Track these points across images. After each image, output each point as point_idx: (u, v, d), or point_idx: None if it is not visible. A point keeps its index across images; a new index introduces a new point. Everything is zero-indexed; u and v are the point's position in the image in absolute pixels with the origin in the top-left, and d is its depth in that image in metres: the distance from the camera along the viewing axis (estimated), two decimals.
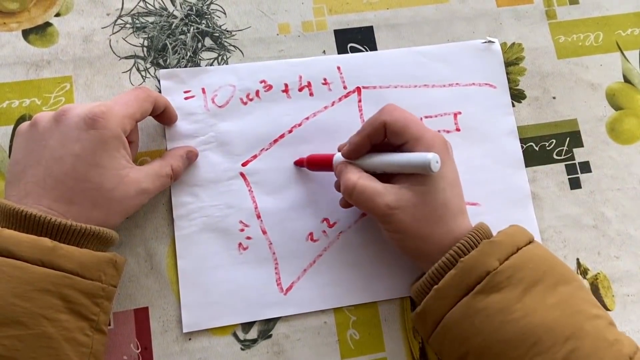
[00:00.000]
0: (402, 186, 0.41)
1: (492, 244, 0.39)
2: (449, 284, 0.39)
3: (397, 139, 0.41)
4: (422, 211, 0.40)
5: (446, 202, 0.41)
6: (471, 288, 0.38)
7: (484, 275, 0.38)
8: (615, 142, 0.53)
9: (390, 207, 0.40)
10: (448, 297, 0.39)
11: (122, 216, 0.41)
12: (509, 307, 0.37)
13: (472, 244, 0.40)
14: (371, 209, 0.41)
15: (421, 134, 0.41)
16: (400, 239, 0.41)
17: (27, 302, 0.35)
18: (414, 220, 0.40)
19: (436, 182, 0.40)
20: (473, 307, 0.38)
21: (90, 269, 0.37)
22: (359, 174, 0.42)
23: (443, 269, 0.40)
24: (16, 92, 0.47)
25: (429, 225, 0.40)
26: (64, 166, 0.38)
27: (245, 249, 0.47)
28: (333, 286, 0.46)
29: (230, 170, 0.48)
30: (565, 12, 0.55)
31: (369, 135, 0.42)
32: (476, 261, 0.38)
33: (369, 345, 0.46)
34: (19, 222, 0.37)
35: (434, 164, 0.38)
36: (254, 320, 0.45)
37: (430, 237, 0.40)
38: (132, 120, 0.41)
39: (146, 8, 0.51)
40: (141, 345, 0.44)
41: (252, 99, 0.49)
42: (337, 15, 0.53)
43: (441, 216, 0.40)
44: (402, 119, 0.41)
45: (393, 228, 0.41)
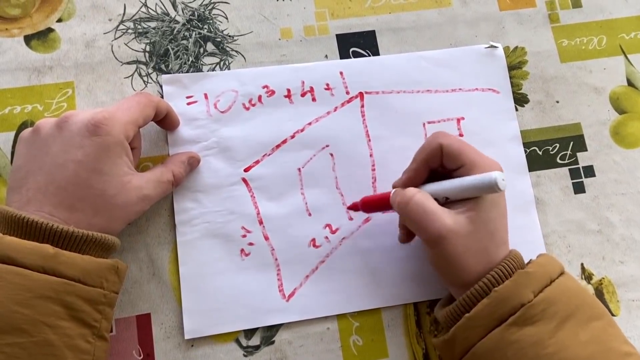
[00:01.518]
0: (458, 212, 0.39)
1: (527, 275, 0.38)
2: (481, 313, 0.38)
3: (453, 163, 0.41)
4: (473, 240, 0.39)
5: (493, 232, 0.40)
6: (504, 319, 0.37)
7: (518, 307, 0.37)
8: (619, 146, 0.52)
9: (446, 230, 0.38)
10: (479, 327, 0.38)
11: (124, 222, 0.41)
12: (542, 341, 0.37)
13: (506, 273, 0.39)
14: (424, 228, 0.39)
15: (478, 157, 0.40)
16: (443, 265, 0.40)
17: (29, 309, 0.34)
18: (464, 250, 0.39)
19: (488, 210, 0.40)
20: (506, 339, 0.37)
21: (92, 276, 0.37)
22: (417, 190, 0.41)
23: (475, 297, 0.39)
24: (18, 98, 0.47)
25: (474, 254, 0.39)
26: (66, 172, 0.38)
27: (247, 255, 0.46)
28: (335, 292, 0.46)
29: (232, 176, 0.48)
30: (568, 16, 0.55)
31: (426, 160, 0.41)
32: (511, 292, 0.38)
33: (372, 351, 0.46)
34: (20, 228, 0.36)
35: (501, 181, 0.37)
36: (256, 326, 0.45)
37: (471, 268, 0.39)
38: (134, 126, 0.41)
39: (148, 13, 0.51)
40: (143, 352, 0.44)
41: (255, 104, 0.49)
42: (339, 19, 0.52)
43: (486, 246, 0.39)
44: (457, 142, 0.41)
45: (440, 253, 0.39)
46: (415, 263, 0.47)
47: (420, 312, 0.47)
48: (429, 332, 0.46)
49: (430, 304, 0.47)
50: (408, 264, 0.47)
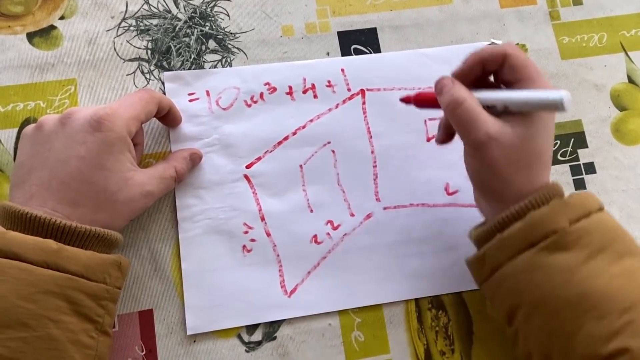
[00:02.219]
0: (505, 122, 0.39)
1: (564, 204, 0.38)
2: (514, 235, 0.38)
3: (512, 75, 0.40)
4: (517, 154, 0.39)
5: (540, 152, 0.39)
6: (536, 243, 0.38)
7: (551, 233, 0.37)
8: (620, 143, 0.53)
9: (489, 136, 0.38)
10: (511, 248, 0.38)
11: (127, 218, 0.41)
12: (572, 268, 0.37)
13: (544, 199, 0.39)
14: (469, 132, 0.39)
15: (537, 75, 0.40)
16: (483, 173, 0.40)
17: (32, 304, 0.35)
18: (505, 159, 0.38)
19: (539, 129, 0.39)
20: (535, 262, 0.37)
21: (95, 271, 0.37)
22: (469, 93, 0.40)
23: (510, 219, 0.39)
24: (21, 95, 0.48)
25: (517, 169, 0.39)
26: (69, 168, 0.38)
27: (249, 251, 0.46)
28: (337, 289, 0.46)
29: (234, 173, 0.48)
30: (569, 13, 0.55)
31: (483, 61, 0.41)
32: (546, 217, 0.38)
33: (373, 347, 0.46)
34: (23, 224, 0.37)
35: (567, 102, 0.36)
36: (258, 322, 0.45)
37: (512, 182, 0.39)
38: (137, 122, 0.41)
39: (150, 11, 0.51)
40: (146, 348, 0.44)
41: (256, 101, 0.49)
42: (340, 17, 0.53)
43: (531, 164, 0.39)
44: (523, 55, 0.40)
45: (482, 159, 0.39)
46: (416, 259, 0.47)
47: (422, 309, 0.47)
48: (430, 328, 0.46)
49: (432, 300, 0.47)
50: (410, 260, 0.47)
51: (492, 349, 0.46)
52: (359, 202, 0.48)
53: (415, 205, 0.49)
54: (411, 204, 0.49)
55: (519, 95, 0.39)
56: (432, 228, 0.48)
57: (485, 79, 0.43)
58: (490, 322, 0.47)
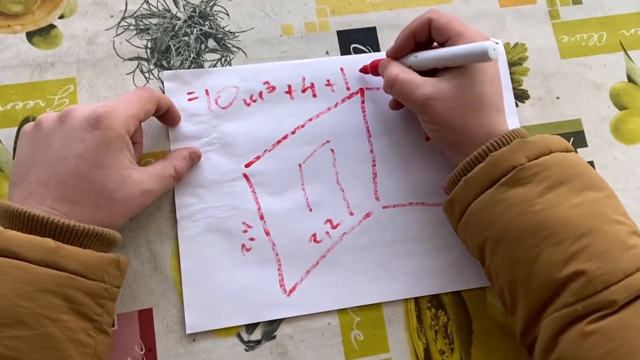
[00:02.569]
0: (440, 79, 0.42)
1: (524, 143, 0.40)
2: (477, 175, 0.40)
3: (440, 36, 0.43)
4: (458, 102, 0.41)
5: (483, 96, 0.42)
6: (496, 180, 0.40)
7: (510, 169, 0.39)
8: (620, 142, 0.52)
9: (427, 97, 0.42)
10: (475, 188, 0.41)
11: (125, 217, 0.41)
12: (529, 199, 0.38)
13: (505, 141, 0.41)
14: (410, 100, 0.43)
15: (464, 29, 0.42)
16: (436, 130, 0.43)
17: (30, 302, 0.35)
18: (449, 110, 0.41)
19: (475, 76, 0.42)
20: (495, 198, 0.39)
21: (94, 270, 0.37)
22: (400, 68, 0.44)
23: (474, 162, 0.41)
24: (20, 94, 0.48)
25: (463, 115, 0.41)
26: (67, 166, 0.38)
27: (248, 250, 0.46)
28: (336, 287, 0.46)
29: (233, 172, 0.48)
30: (569, 12, 0.55)
31: (413, 32, 0.44)
32: (505, 156, 0.40)
33: (373, 346, 0.46)
34: (22, 223, 0.37)
35: (492, 51, 0.38)
36: (258, 321, 0.45)
37: (463, 128, 0.42)
38: (135, 120, 0.41)
39: (149, 10, 0.51)
40: (145, 347, 0.44)
41: (256, 100, 0.49)
42: (340, 16, 0.53)
43: (476, 108, 0.42)
44: (446, 15, 0.43)
45: (429, 118, 0.43)
46: (415, 258, 0.47)
47: (421, 307, 0.47)
48: (429, 327, 0.46)
49: (431, 299, 0.47)
50: (408, 259, 0.47)
51: (491, 347, 0.46)
52: (358, 201, 0.48)
53: (414, 204, 0.49)
54: (410, 203, 0.49)
55: (444, 52, 0.42)
56: (431, 227, 0.48)
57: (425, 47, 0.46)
58: (489, 321, 0.47)
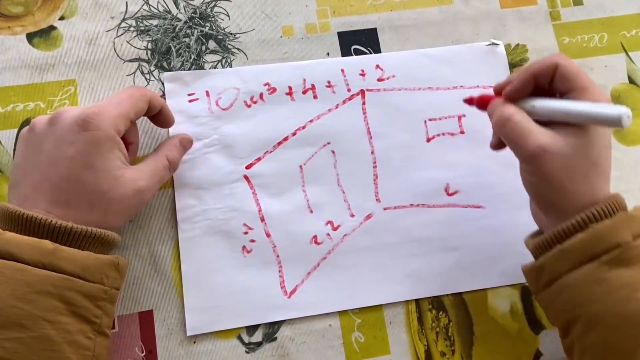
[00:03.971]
0: (557, 132, 0.38)
1: (630, 218, 0.37)
2: (575, 246, 0.37)
3: (564, 85, 0.39)
4: (572, 163, 0.38)
5: (598, 162, 0.38)
6: (597, 256, 0.37)
7: (614, 246, 0.36)
8: (621, 144, 0.52)
9: (542, 149, 0.37)
10: (570, 260, 0.37)
11: (123, 216, 0.41)
12: (634, 283, 0.36)
13: (607, 211, 0.38)
14: (520, 146, 0.38)
15: (590, 84, 0.39)
16: (540, 186, 0.39)
17: (28, 304, 0.34)
18: (561, 169, 0.38)
19: (593, 139, 0.38)
20: (596, 276, 0.36)
21: (92, 272, 0.37)
22: (516, 110, 0.40)
23: (571, 230, 0.38)
24: (20, 96, 0.48)
25: (574, 179, 0.38)
26: (59, 169, 0.38)
27: (249, 252, 0.46)
28: (337, 289, 0.46)
29: (234, 173, 0.48)
30: (570, 13, 0.55)
31: (535, 75, 0.40)
32: (609, 230, 0.37)
33: (374, 348, 0.45)
34: (20, 225, 0.36)
35: (626, 119, 0.35)
36: (258, 323, 0.45)
37: (570, 193, 0.38)
38: (125, 119, 0.40)
39: (150, 11, 0.51)
40: (146, 349, 0.44)
41: (256, 101, 0.49)
42: (340, 17, 0.53)
43: (587, 173, 0.38)
44: (574, 65, 0.39)
45: (537, 172, 0.38)
46: (416, 260, 0.47)
47: (422, 309, 0.47)
48: (430, 329, 0.46)
49: (432, 300, 0.47)
50: (409, 261, 0.47)
51: (492, 349, 0.46)
52: (359, 203, 0.48)
53: (415, 205, 0.49)
54: (411, 205, 0.49)
55: (575, 108, 0.38)
56: (432, 228, 0.48)
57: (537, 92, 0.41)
58: (490, 322, 0.47)
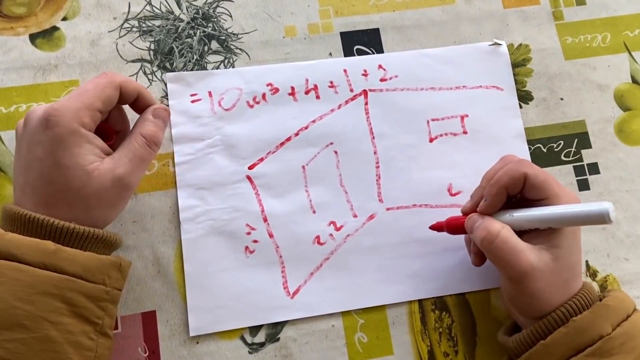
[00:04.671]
0: (541, 248, 0.39)
1: (606, 308, 0.38)
2: (558, 341, 0.38)
3: (537, 194, 0.40)
4: (556, 277, 0.39)
5: (574, 266, 0.40)
6: (580, 350, 0.37)
7: (597, 338, 0.37)
8: (624, 144, 0.52)
9: (532, 268, 0.38)
10: (555, 355, 0.38)
11: (109, 208, 0.39)
12: None
13: (584, 304, 0.39)
14: (511, 265, 0.38)
15: (561, 190, 0.40)
16: (521, 299, 0.40)
17: (30, 305, 0.34)
18: (547, 285, 0.39)
19: (571, 245, 0.39)
20: None
21: (94, 272, 0.37)
22: (501, 224, 0.40)
23: (552, 325, 0.39)
24: (23, 96, 0.48)
25: (556, 291, 0.39)
26: (33, 172, 0.38)
27: (251, 253, 0.46)
28: (340, 290, 0.46)
29: (236, 174, 0.48)
30: (572, 13, 0.55)
31: (506, 186, 0.40)
32: (589, 323, 0.38)
33: (377, 348, 0.45)
34: (23, 225, 0.37)
35: (612, 213, 0.36)
36: (261, 324, 0.45)
37: (551, 301, 0.39)
38: (90, 110, 0.38)
39: (152, 12, 0.51)
40: (149, 349, 0.44)
41: (259, 102, 0.49)
42: (343, 17, 0.52)
43: (567, 280, 0.40)
44: (542, 172, 0.40)
45: (524, 291, 0.39)
46: (419, 260, 0.47)
47: (425, 310, 0.47)
48: (433, 330, 0.46)
49: (435, 301, 0.47)
50: (412, 261, 0.47)
51: (495, 350, 0.46)
52: (362, 203, 0.48)
53: (418, 206, 0.49)
54: (414, 205, 0.49)
55: (558, 213, 0.38)
56: None
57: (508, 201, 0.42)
58: (493, 323, 0.47)
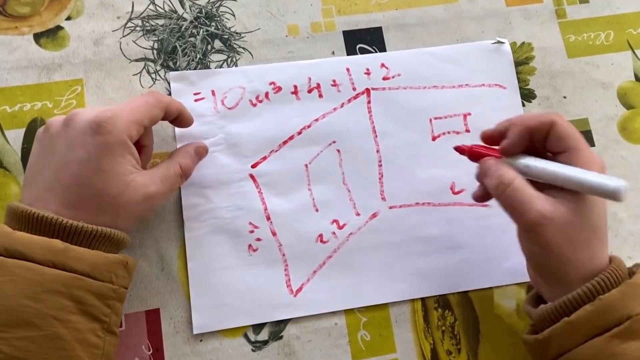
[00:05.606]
0: (557, 199, 0.37)
1: (635, 287, 0.37)
2: (583, 319, 0.36)
3: (559, 145, 0.39)
4: (573, 231, 0.37)
5: (597, 228, 0.38)
6: (607, 329, 0.36)
7: (625, 319, 0.36)
8: (627, 142, 0.52)
9: (544, 217, 0.37)
10: (579, 334, 0.37)
11: (132, 221, 0.41)
12: None
13: (613, 281, 0.37)
14: (521, 214, 0.38)
15: (583, 146, 0.39)
16: (541, 255, 0.38)
17: (38, 303, 0.35)
18: (563, 238, 0.37)
19: (593, 205, 0.38)
20: (608, 350, 0.36)
21: (101, 270, 0.37)
22: (516, 174, 0.39)
23: (577, 302, 0.37)
24: (28, 96, 0.48)
25: (575, 248, 0.37)
26: (70, 171, 0.38)
27: (255, 251, 0.47)
28: (343, 288, 0.46)
29: (239, 172, 0.48)
30: (575, 11, 0.55)
31: (531, 129, 0.39)
32: (618, 302, 0.36)
33: (380, 346, 0.46)
34: (31, 224, 0.37)
35: (624, 193, 0.35)
36: (264, 321, 0.45)
37: (571, 261, 0.37)
38: (138, 126, 0.40)
39: (156, 11, 0.51)
40: (152, 347, 0.44)
41: (262, 100, 0.50)
42: (345, 16, 0.53)
43: (588, 241, 0.38)
44: (571, 126, 0.39)
45: (538, 241, 0.38)
46: (422, 258, 0.47)
47: (428, 308, 0.47)
48: (436, 328, 0.46)
49: (438, 299, 0.47)
50: (415, 260, 0.47)
51: (499, 348, 0.46)
52: (365, 202, 0.48)
53: (420, 204, 0.49)
54: (417, 203, 0.49)
55: (574, 176, 0.37)
56: (438, 227, 0.48)
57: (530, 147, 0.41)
58: (497, 321, 0.47)
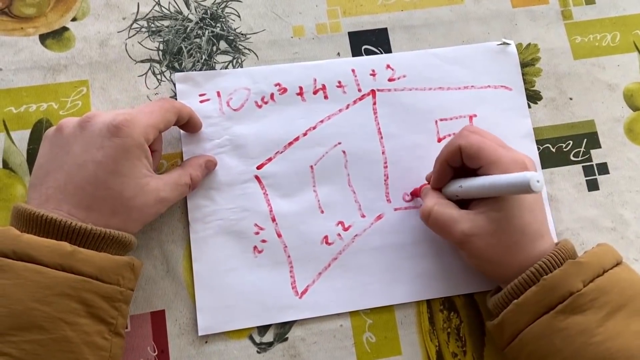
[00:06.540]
0: (477, 212, 0.41)
1: (577, 265, 0.39)
2: (529, 300, 0.39)
3: (472, 163, 0.42)
4: (496, 238, 0.40)
5: (523, 228, 0.40)
6: (552, 307, 0.38)
7: (567, 295, 0.38)
8: (633, 143, 0.52)
9: (465, 235, 0.41)
10: (527, 313, 0.39)
11: (141, 224, 0.41)
12: (590, 329, 0.37)
13: (555, 262, 0.39)
14: (447, 236, 0.42)
15: (497, 157, 0.41)
16: (477, 264, 0.43)
17: (47, 306, 0.35)
18: (489, 247, 0.40)
19: (513, 208, 0.40)
20: (553, 326, 0.38)
21: (109, 273, 0.37)
22: (435, 200, 0.43)
23: (523, 285, 0.40)
24: (33, 96, 0.48)
25: (504, 251, 0.40)
26: (85, 172, 0.38)
27: (260, 252, 0.47)
28: (348, 289, 0.46)
29: (245, 173, 0.48)
30: (581, 12, 0.55)
31: (446, 160, 0.43)
32: (559, 280, 0.38)
33: (385, 348, 0.46)
34: (38, 226, 0.37)
35: (535, 183, 0.35)
36: (269, 323, 0.45)
37: (505, 263, 0.41)
38: (155, 129, 0.41)
39: (161, 12, 0.51)
40: (158, 348, 0.44)
41: (267, 102, 0.49)
42: (351, 17, 0.52)
43: (517, 242, 0.40)
44: (476, 142, 0.41)
45: (470, 253, 0.42)
46: (427, 260, 0.47)
47: (433, 310, 0.47)
48: (442, 330, 0.46)
49: (444, 301, 0.47)
50: (421, 261, 0.47)
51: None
52: (370, 203, 0.48)
53: None
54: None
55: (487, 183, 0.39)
56: None
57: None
58: None
